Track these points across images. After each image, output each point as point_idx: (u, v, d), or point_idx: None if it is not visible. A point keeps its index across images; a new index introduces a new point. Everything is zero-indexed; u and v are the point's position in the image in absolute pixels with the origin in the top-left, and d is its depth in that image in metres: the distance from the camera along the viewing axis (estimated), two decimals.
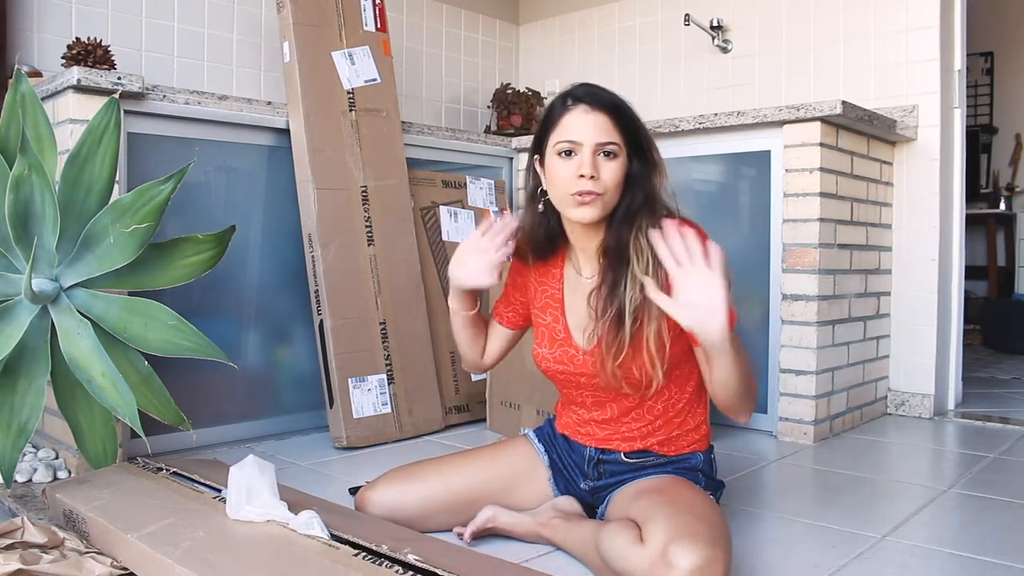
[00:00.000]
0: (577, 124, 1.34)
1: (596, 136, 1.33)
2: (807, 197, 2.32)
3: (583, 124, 1.34)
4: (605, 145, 1.33)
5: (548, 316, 1.49)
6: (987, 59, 5.14)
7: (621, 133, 1.35)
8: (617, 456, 1.46)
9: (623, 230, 1.36)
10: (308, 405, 2.39)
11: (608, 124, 1.34)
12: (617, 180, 1.34)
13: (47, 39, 2.45)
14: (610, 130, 1.34)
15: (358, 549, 1.20)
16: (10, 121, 1.62)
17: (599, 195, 1.33)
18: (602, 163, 1.34)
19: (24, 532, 1.29)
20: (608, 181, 1.34)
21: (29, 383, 1.59)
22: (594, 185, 1.33)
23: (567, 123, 1.35)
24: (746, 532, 1.56)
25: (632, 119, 1.37)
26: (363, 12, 2.46)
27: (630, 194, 1.36)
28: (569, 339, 1.45)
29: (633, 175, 1.36)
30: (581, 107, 1.35)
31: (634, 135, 1.36)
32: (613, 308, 1.34)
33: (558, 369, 1.46)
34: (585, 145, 1.33)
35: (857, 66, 2.79)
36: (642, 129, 1.38)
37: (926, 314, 2.67)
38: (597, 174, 1.33)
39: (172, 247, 1.75)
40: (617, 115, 1.35)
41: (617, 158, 1.34)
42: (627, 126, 1.36)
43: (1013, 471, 2.03)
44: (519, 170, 3.02)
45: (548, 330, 1.48)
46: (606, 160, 1.34)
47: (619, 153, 1.34)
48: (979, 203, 4.94)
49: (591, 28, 3.55)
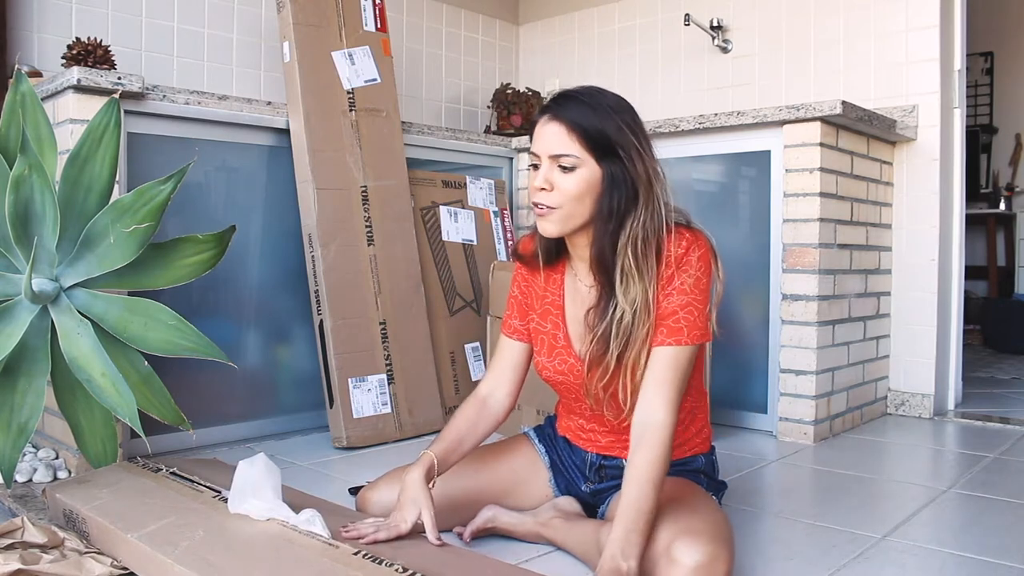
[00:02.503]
0: (539, 135, 1.31)
1: (551, 147, 1.29)
2: (807, 197, 2.32)
3: (542, 135, 1.31)
4: (560, 157, 1.28)
5: (548, 323, 1.46)
6: (987, 59, 5.14)
7: (582, 144, 1.28)
8: (619, 462, 1.45)
9: (605, 242, 1.31)
10: (308, 405, 2.39)
11: (564, 135, 1.28)
12: (576, 191, 1.29)
13: (47, 39, 2.45)
14: (566, 141, 1.28)
15: (358, 548, 1.20)
16: (10, 121, 1.62)
17: (552, 208, 1.30)
18: (558, 176, 1.29)
19: (24, 532, 1.30)
20: (564, 192, 1.29)
21: (29, 383, 1.59)
22: (546, 197, 1.29)
23: (535, 133, 1.33)
24: (746, 532, 1.56)
25: (596, 129, 1.28)
26: (363, 12, 2.46)
27: (602, 204, 1.29)
28: (569, 348, 1.43)
29: (606, 185, 1.29)
30: (545, 117, 1.31)
31: (601, 145, 1.28)
32: (600, 328, 1.32)
33: (559, 379, 1.45)
34: (542, 156, 1.30)
35: (857, 66, 2.79)
36: (617, 137, 1.29)
37: (926, 314, 2.67)
38: (551, 185, 1.29)
39: (172, 247, 1.75)
40: (574, 125, 1.27)
41: (574, 170, 1.28)
42: (590, 136, 1.28)
43: (1013, 471, 2.03)
44: (519, 170, 3.02)
45: (548, 338, 1.46)
46: (562, 173, 1.29)
47: (578, 164, 1.28)
48: (979, 203, 4.95)
49: (591, 28, 3.55)
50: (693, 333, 1.29)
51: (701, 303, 1.31)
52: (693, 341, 1.30)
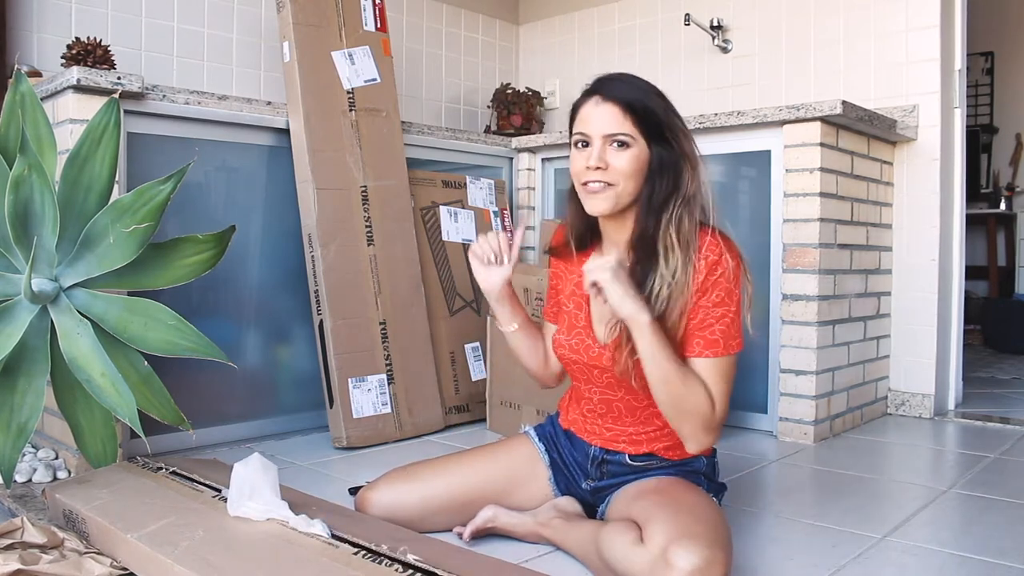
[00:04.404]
0: (588, 116, 1.36)
1: (604, 127, 1.33)
2: (807, 197, 2.32)
3: (593, 116, 1.35)
4: (615, 136, 1.33)
5: (572, 304, 1.50)
6: (987, 59, 5.14)
7: (635, 123, 1.33)
8: (622, 458, 1.46)
9: (649, 222, 1.35)
10: (308, 405, 2.39)
11: (618, 114, 1.33)
12: (629, 169, 1.34)
13: (47, 39, 2.45)
14: (620, 120, 1.33)
15: (358, 548, 1.20)
16: (10, 121, 1.62)
17: (609, 185, 1.34)
18: (613, 153, 1.34)
19: (24, 532, 1.29)
20: (619, 171, 1.33)
21: (29, 383, 1.59)
22: (602, 175, 1.33)
23: (581, 115, 1.37)
24: (746, 532, 1.56)
25: (647, 109, 1.34)
26: (363, 12, 2.46)
27: (650, 185, 1.35)
28: (589, 329, 1.45)
29: (655, 166, 1.35)
30: (593, 99, 1.36)
31: (652, 124, 1.34)
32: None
33: (572, 358, 1.47)
34: (594, 136, 1.34)
35: (857, 66, 2.79)
36: (665, 119, 1.35)
37: (926, 314, 2.67)
38: (606, 164, 1.33)
39: (172, 247, 1.75)
40: (627, 105, 1.33)
41: (629, 148, 1.33)
42: (642, 116, 1.33)
43: (1013, 471, 2.03)
44: (519, 170, 3.02)
45: (570, 317, 1.50)
46: (617, 150, 1.34)
47: (631, 143, 1.33)
48: (979, 203, 4.95)
49: (591, 28, 3.55)
50: (730, 343, 1.35)
51: (735, 313, 1.35)
52: (730, 351, 1.35)
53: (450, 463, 1.57)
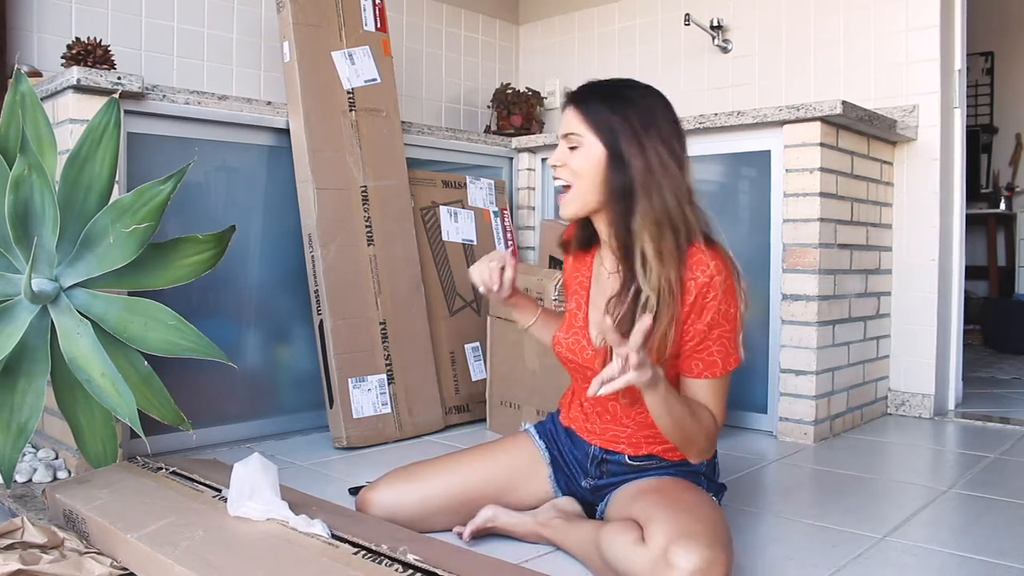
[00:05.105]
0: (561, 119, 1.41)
1: (562, 127, 1.39)
2: (807, 197, 2.32)
3: (561, 119, 1.41)
4: (567, 135, 1.37)
5: (572, 302, 1.52)
6: (987, 59, 5.14)
7: (586, 122, 1.34)
8: (621, 458, 1.46)
9: (620, 228, 1.34)
10: (308, 405, 2.39)
11: (575, 115, 1.36)
12: (579, 169, 1.35)
13: (47, 39, 2.45)
14: (573, 122, 1.36)
15: (358, 548, 1.20)
16: (10, 121, 1.62)
17: (568, 185, 1.37)
18: (568, 153, 1.37)
19: (24, 532, 1.29)
20: (572, 170, 1.36)
21: (29, 383, 1.59)
22: (561, 173, 1.38)
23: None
24: (746, 532, 1.56)
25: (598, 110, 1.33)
26: (363, 12, 2.46)
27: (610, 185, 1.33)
28: (585, 330, 1.46)
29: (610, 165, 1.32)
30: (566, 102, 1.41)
31: (603, 124, 1.32)
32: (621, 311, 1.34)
33: (568, 357, 1.48)
34: (559, 136, 1.39)
35: (857, 66, 2.79)
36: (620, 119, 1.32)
37: (926, 314, 2.67)
38: (563, 163, 1.37)
39: (172, 247, 1.75)
40: (582, 106, 1.35)
41: (579, 149, 1.35)
42: (592, 117, 1.33)
43: (1013, 471, 2.03)
44: (519, 170, 3.02)
45: (570, 315, 1.51)
46: (569, 151, 1.37)
47: (580, 143, 1.35)
48: (979, 203, 4.95)
49: (591, 28, 3.55)
50: (728, 362, 1.36)
51: (732, 332, 1.35)
52: (728, 370, 1.36)
53: (450, 463, 1.57)
